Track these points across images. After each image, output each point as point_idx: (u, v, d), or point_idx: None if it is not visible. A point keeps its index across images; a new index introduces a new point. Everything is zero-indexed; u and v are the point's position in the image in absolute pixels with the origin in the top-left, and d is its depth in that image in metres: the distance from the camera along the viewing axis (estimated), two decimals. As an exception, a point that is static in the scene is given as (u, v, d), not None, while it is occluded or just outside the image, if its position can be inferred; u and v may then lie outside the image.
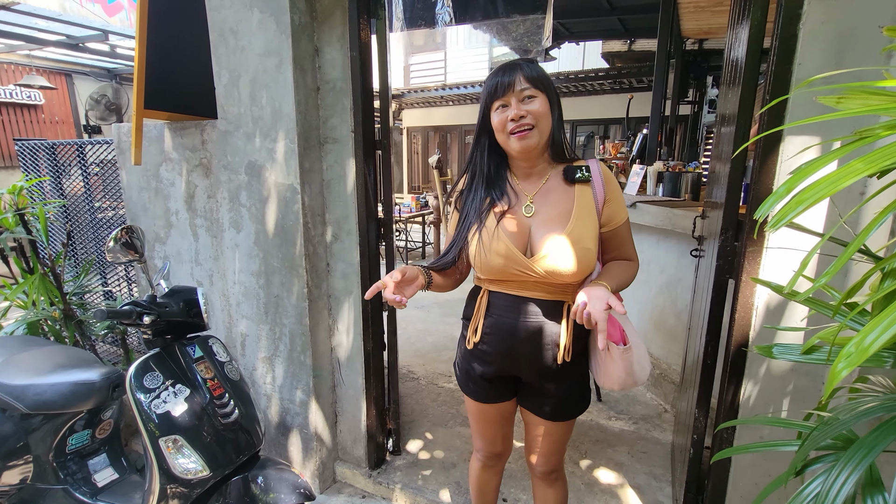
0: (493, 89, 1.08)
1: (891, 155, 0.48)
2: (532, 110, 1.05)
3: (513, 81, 1.05)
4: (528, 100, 1.06)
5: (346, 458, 2.09)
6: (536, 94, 1.06)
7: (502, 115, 1.08)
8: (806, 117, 1.11)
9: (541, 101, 1.06)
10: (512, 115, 1.05)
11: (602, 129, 9.08)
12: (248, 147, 1.78)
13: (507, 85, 1.05)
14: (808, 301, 0.75)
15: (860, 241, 0.55)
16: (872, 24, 1.06)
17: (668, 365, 2.65)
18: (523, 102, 1.06)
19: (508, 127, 1.07)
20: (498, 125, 1.09)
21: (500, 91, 1.07)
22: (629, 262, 1.20)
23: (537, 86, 1.06)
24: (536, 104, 1.06)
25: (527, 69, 1.06)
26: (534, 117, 1.05)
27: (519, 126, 1.06)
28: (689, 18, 4.57)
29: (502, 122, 1.08)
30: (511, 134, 1.07)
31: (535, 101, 1.06)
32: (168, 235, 2.09)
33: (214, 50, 1.76)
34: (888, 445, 0.58)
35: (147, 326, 1.34)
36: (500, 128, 1.09)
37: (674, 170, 3.08)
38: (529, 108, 1.05)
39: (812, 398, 1.26)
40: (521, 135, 1.06)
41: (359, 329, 1.90)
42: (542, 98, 1.07)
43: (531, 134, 1.06)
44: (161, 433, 1.30)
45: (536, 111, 1.06)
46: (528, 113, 1.05)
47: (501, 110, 1.08)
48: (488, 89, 1.09)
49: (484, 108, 1.12)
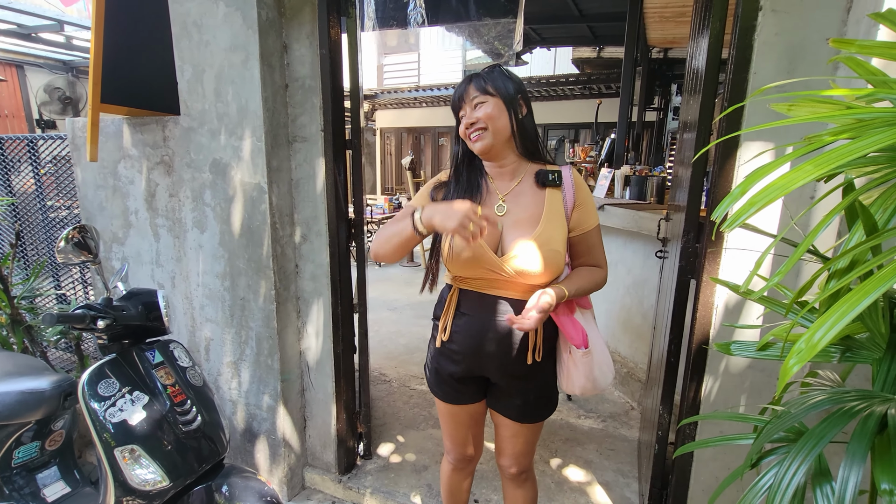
0: (454, 102, 1.19)
1: (836, 159, 0.51)
2: (482, 114, 1.12)
3: (464, 93, 1.15)
4: (478, 106, 1.13)
5: (316, 464, 2.05)
6: (486, 98, 1.13)
7: (463, 122, 1.17)
8: (761, 124, 1.16)
9: (492, 103, 1.12)
10: (465, 123, 1.15)
11: (572, 134, 9.26)
12: (212, 144, 1.72)
13: (459, 96, 1.16)
14: (763, 300, 0.79)
15: (808, 243, 0.58)
16: (821, 36, 1.12)
17: (635, 364, 2.72)
18: (475, 109, 1.13)
19: (468, 133, 1.15)
20: (461, 133, 1.18)
21: (457, 103, 1.18)
22: (596, 268, 1.22)
23: (486, 92, 1.13)
24: (486, 107, 1.12)
25: (477, 80, 1.14)
26: (484, 119, 1.12)
27: (473, 130, 1.14)
28: (654, 28, 4.72)
29: (463, 130, 1.17)
30: (469, 138, 1.16)
31: (484, 105, 1.12)
32: (127, 236, 2.00)
33: (177, 43, 1.70)
34: (835, 436, 0.61)
35: (102, 331, 1.27)
36: (463, 135, 1.17)
37: (640, 174, 3.17)
38: (480, 114, 1.12)
39: (767, 392, 1.32)
40: (475, 137, 1.14)
41: (328, 332, 1.87)
42: (493, 100, 1.13)
43: (485, 135, 1.13)
44: (117, 443, 1.23)
45: (487, 114, 1.12)
46: (479, 118, 1.12)
47: (462, 120, 1.17)
48: (452, 103, 1.20)
49: (456, 121, 1.21)
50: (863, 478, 0.57)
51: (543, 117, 8.81)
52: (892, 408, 0.57)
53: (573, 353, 1.15)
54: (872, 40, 0.90)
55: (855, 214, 0.62)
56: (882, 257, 0.52)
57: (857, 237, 0.61)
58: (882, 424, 0.57)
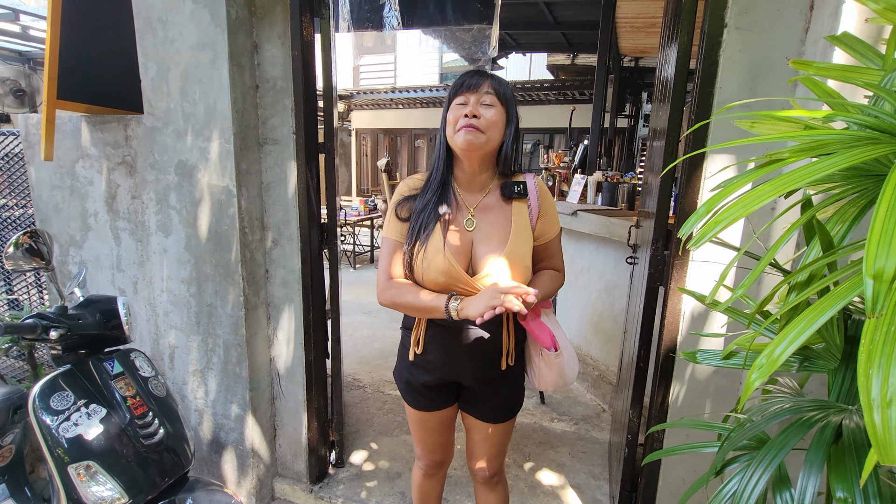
0: (460, 85, 1.10)
1: (798, 179, 0.52)
2: (487, 116, 1.08)
3: (480, 84, 1.08)
4: (486, 106, 1.09)
5: (286, 474, 2.00)
6: (496, 102, 1.09)
7: (459, 110, 1.09)
8: (726, 138, 1.20)
9: (497, 111, 1.09)
10: (467, 112, 1.08)
11: (547, 139, 9.40)
12: (178, 145, 1.66)
13: (473, 85, 1.09)
14: (728, 311, 0.81)
15: (769, 258, 0.59)
16: (781, 55, 1.16)
17: (607, 366, 2.77)
18: (481, 106, 1.09)
19: (460, 122, 1.08)
20: (451, 118, 1.11)
21: (464, 88, 1.10)
22: (557, 272, 1.25)
23: (499, 97, 1.09)
24: (492, 112, 1.09)
25: (496, 81, 1.10)
26: (486, 122, 1.08)
27: (470, 123, 1.07)
28: (626, 37, 4.85)
29: (456, 117, 1.09)
30: (460, 129, 1.08)
31: (492, 109, 1.09)
32: (85, 239, 1.90)
33: (140, 39, 1.63)
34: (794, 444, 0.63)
35: (55, 341, 1.20)
36: (452, 121, 1.10)
37: (612, 180, 3.24)
38: (485, 113, 1.08)
39: (731, 396, 1.37)
40: (468, 129, 1.07)
41: (300, 338, 1.83)
42: (499, 110, 1.10)
43: (478, 135, 1.08)
44: (71, 459, 1.17)
45: (490, 119, 1.08)
46: (483, 116, 1.08)
47: (459, 107, 1.10)
48: (455, 85, 1.12)
49: (447, 104, 1.14)
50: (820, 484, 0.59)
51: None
52: (846, 418, 0.60)
53: (545, 355, 1.18)
54: (829, 63, 0.94)
55: (813, 230, 0.65)
56: (837, 274, 0.54)
57: (814, 252, 0.64)
58: (837, 434, 0.60)
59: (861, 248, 0.59)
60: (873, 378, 0.40)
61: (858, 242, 0.59)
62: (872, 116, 0.58)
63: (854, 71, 0.68)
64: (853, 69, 0.69)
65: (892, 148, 0.52)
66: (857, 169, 0.60)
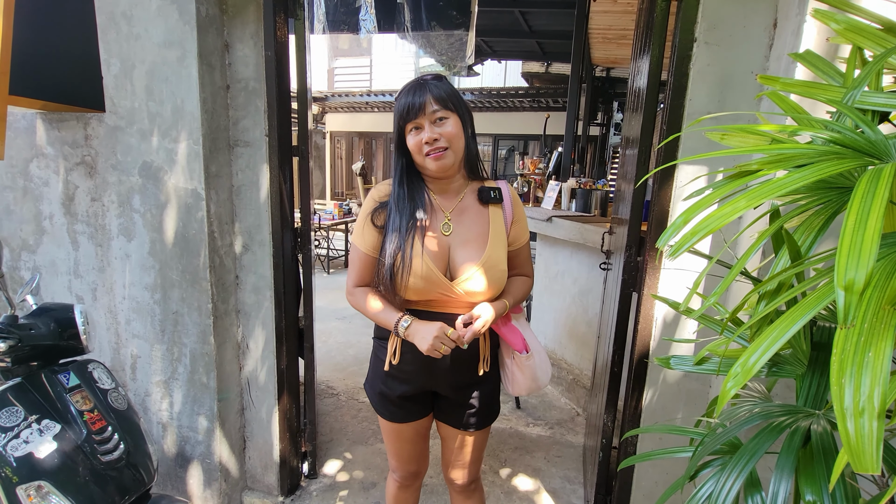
0: (406, 111, 1.07)
1: (770, 192, 0.54)
2: (445, 132, 1.06)
3: (423, 103, 1.05)
4: (440, 121, 1.07)
5: (256, 487, 1.93)
6: (448, 114, 1.07)
7: (417, 137, 1.08)
8: (696, 148, 1.24)
9: (453, 121, 1.08)
10: (426, 139, 1.06)
11: (521, 145, 9.53)
12: (143, 146, 1.59)
13: (418, 107, 1.05)
14: (701, 318, 0.83)
15: (739, 267, 0.61)
16: (747, 69, 1.21)
17: (581, 371, 2.80)
18: (436, 124, 1.07)
19: (424, 150, 1.07)
20: (414, 147, 1.09)
21: (412, 113, 1.06)
22: (526, 278, 1.28)
23: (447, 106, 1.07)
24: (449, 125, 1.07)
25: (435, 89, 1.06)
26: (447, 139, 1.07)
27: (434, 148, 1.07)
28: (598, 48, 4.97)
29: (418, 145, 1.08)
30: (427, 156, 1.08)
31: (446, 122, 1.07)
32: (39, 243, 1.80)
33: (103, 35, 1.56)
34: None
35: (3, 353, 1.13)
36: (416, 150, 1.09)
37: (585, 186, 3.30)
38: (442, 131, 1.06)
39: (703, 400, 1.40)
40: (436, 156, 1.07)
41: (271, 347, 1.77)
42: (454, 118, 1.08)
43: (446, 154, 1.08)
44: (20, 480, 1.09)
45: (449, 133, 1.07)
46: (441, 135, 1.06)
47: (416, 132, 1.08)
48: (400, 111, 1.09)
49: (398, 129, 1.11)
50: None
51: (494, 128, 8.98)
52: (814, 423, 0.62)
53: (517, 359, 1.20)
54: (793, 79, 0.98)
55: (781, 240, 0.67)
56: (805, 285, 0.55)
57: (783, 262, 0.66)
58: (806, 438, 0.61)
59: (828, 259, 0.61)
60: (846, 387, 0.41)
61: (826, 252, 0.61)
62: (836, 132, 0.60)
63: (817, 87, 0.71)
64: (816, 86, 0.71)
65: (857, 163, 0.54)
66: (823, 181, 0.62)
